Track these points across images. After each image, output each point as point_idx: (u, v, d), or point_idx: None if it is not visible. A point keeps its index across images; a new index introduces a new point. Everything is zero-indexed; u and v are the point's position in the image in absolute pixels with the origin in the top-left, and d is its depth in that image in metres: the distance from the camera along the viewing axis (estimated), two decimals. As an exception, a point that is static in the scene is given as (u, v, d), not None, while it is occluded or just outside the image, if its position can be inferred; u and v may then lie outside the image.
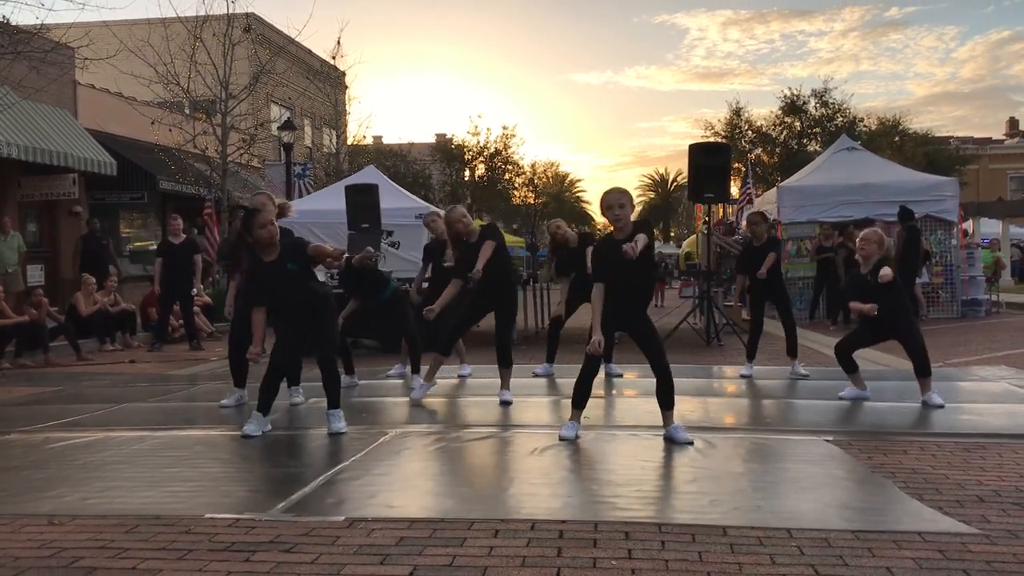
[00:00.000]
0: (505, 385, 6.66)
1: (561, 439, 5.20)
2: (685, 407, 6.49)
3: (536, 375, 8.07)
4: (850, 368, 6.56)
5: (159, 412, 6.85)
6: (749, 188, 16.35)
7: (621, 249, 4.96)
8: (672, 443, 5.10)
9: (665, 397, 5.24)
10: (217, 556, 3.34)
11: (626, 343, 5.93)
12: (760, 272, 7.75)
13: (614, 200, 5.22)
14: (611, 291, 5.20)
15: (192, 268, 12.23)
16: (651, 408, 6.17)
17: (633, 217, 5.30)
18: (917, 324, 6.64)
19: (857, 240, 6.61)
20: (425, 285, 8.60)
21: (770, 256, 7.76)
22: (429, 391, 6.85)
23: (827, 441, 5.17)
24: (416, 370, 7.44)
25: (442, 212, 8.24)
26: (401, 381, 7.87)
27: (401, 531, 3.59)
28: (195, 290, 12.40)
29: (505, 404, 6.47)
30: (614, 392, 7.28)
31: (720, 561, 3.19)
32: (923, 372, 6.28)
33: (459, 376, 8.00)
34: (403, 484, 4.46)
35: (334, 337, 5.97)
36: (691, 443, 5.07)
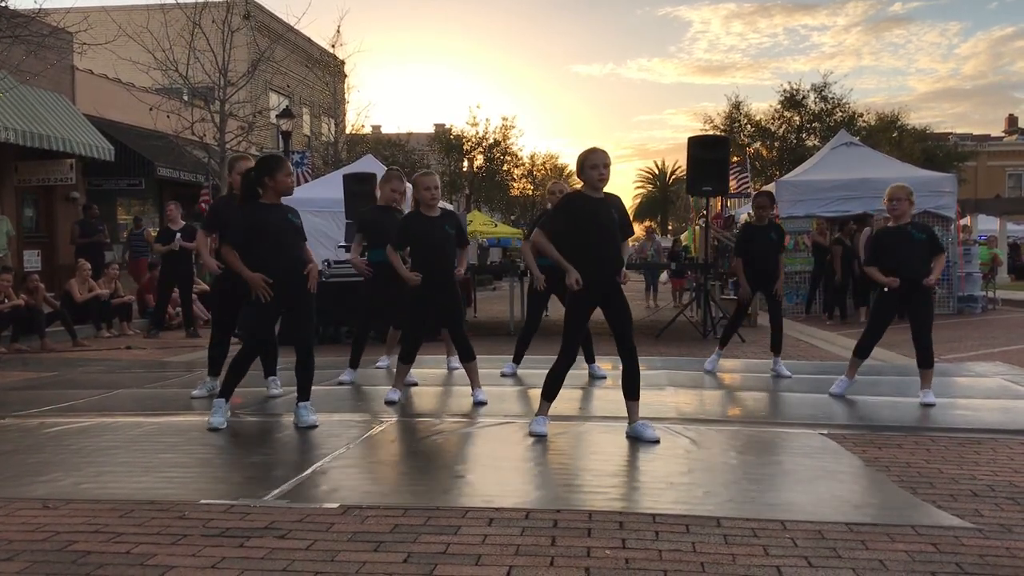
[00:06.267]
0: (475, 383, 6.30)
1: (531, 435, 5.13)
2: (681, 399, 6.51)
3: (504, 374, 7.66)
4: (866, 355, 6.40)
5: (155, 398, 6.84)
6: (747, 178, 16.33)
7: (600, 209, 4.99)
8: (638, 441, 4.96)
9: (630, 385, 5.11)
10: (211, 541, 3.34)
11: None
12: (777, 288, 7.65)
13: (601, 159, 5.07)
14: (585, 257, 5.06)
15: (191, 255, 12.22)
16: (647, 399, 6.17)
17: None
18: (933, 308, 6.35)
19: (885, 200, 6.29)
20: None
21: (780, 267, 7.71)
22: (399, 396, 6.37)
23: (822, 434, 5.17)
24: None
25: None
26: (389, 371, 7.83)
27: (395, 519, 3.60)
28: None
29: (479, 404, 6.14)
30: (608, 383, 7.28)
31: (714, 552, 3.19)
32: (925, 363, 6.16)
33: (449, 368, 7.96)
34: (397, 472, 4.46)
35: (314, 321, 5.69)
36: (657, 441, 4.93)
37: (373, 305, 7.33)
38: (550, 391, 5.25)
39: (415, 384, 7.09)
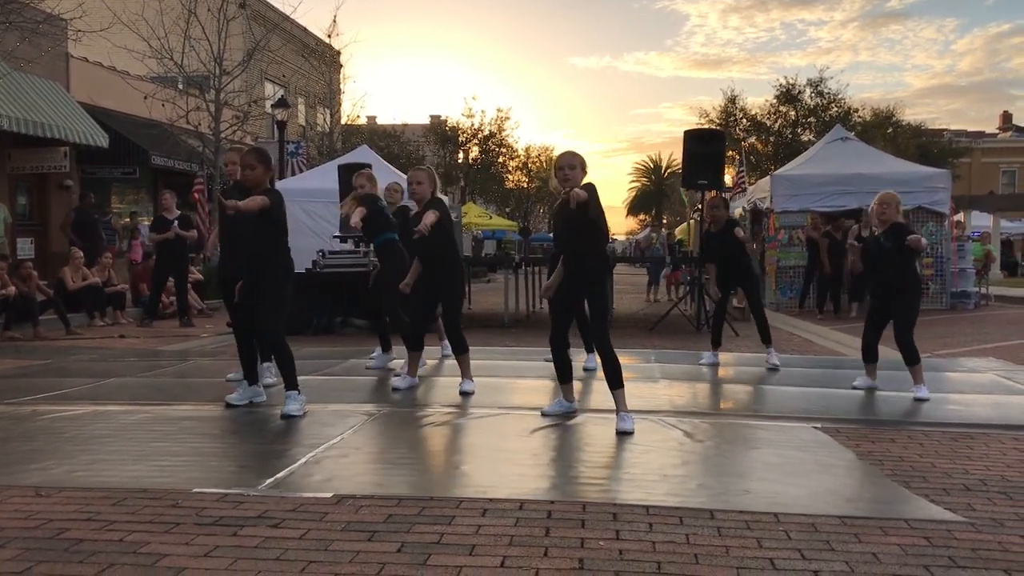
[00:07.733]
0: (465, 374, 6.37)
1: (544, 415, 5.38)
2: (674, 392, 6.52)
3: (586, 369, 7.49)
4: (871, 358, 6.56)
5: (148, 387, 6.83)
6: (743, 174, 16.34)
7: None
8: (624, 433, 4.93)
9: (606, 375, 5.24)
10: (204, 530, 3.34)
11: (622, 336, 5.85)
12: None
13: (564, 162, 5.19)
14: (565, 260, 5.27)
15: (186, 244, 12.17)
16: (641, 392, 6.21)
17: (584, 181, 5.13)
18: (916, 307, 6.37)
19: (874, 204, 6.37)
20: None
21: (742, 237, 7.63)
22: (406, 383, 6.44)
23: (815, 428, 5.19)
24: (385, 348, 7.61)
25: (401, 183, 8.05)
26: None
27: (389, 508, 3.59)
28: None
29: (465, 395, 6.16)
30: (600, 375, 7.27)
31: (707, 544, 3.20)
32: (910, 361, 6.23)
33: (442, 356, 7.95)
34: (391, 462, 4.45)
35: (279, 309, 5.54)
36: (629, 433, 4.92)
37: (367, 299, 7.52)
38: (558, 374, 5.54)
39: (416, 385, 7.00)
